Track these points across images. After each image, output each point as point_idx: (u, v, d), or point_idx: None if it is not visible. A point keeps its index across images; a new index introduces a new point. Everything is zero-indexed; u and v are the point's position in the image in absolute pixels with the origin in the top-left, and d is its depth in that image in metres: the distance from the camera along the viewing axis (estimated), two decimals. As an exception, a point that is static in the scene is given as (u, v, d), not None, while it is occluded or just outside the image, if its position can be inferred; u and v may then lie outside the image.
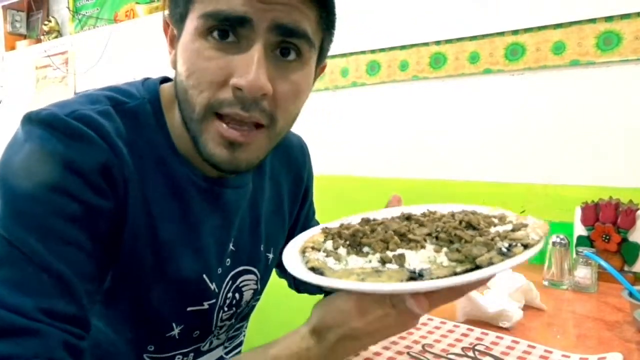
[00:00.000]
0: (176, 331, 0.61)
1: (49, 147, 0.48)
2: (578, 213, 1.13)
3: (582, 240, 1.12)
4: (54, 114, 0.49)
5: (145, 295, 0.58)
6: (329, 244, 0.50)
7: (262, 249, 0.71)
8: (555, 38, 1.27)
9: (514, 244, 0.44)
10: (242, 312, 0.72)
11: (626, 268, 1.06)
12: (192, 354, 0.67)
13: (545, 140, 1.30)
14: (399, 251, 0.46)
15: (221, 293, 0.65)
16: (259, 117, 0.51)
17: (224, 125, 0.51)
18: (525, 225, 0.50)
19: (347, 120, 1.69)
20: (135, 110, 0.56)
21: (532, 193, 1.31)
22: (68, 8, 2.77)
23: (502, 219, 0.53)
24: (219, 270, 0.64)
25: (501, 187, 1.37)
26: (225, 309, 0.67)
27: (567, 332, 0.77)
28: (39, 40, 2.90)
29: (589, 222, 1.11)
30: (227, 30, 0.49)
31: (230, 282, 0.67)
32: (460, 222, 0.50)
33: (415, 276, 0.42)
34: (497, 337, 0.72)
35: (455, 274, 0.42)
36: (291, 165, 0.78)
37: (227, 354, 0.75)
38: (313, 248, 0.51)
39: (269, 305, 1.48)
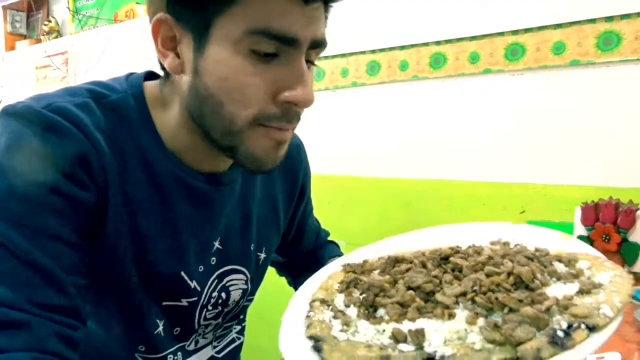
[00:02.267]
0: (160, 327, 0.61)
1: (24, 140, 0.48)
2: (578, 213, 1.13)
3: (582, 240, 1.12)
4: (29, 106, 0.49)
5: (127, 290, 0.58)
6: (340, 299, 0.43)
7: (252, 248, 0.71)
8: (555, 38, 1.27)
9: (575, 324, 0.33)
10: (230, 312, 0.71)
11: (626, 268, 1.06)
12: (179, 353, 0.66)
13: (545, 140, 1.30)
14: (419, 323, 0.36)
15: (205, 292, 0.64)
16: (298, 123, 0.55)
17: (273, 130, 0.53)
18: (600, 286, 0.38)
19: (347, 120, 1.68)
20: (117, 104, 0.56)
21: (532, 193, 1.31)
22: (68, 8, 2.76)
23: (570, 264, 0.42)
24: (201, 269, 0.64)
25: (501, 187, 1.37)
26: (210, 307, 0.66)
27: (567, 332, 0.77)
28: (39, 41, 2.90)
29: (589, 222, 1.11)
30: (276, 51, 0.50)
31: (216, 281, 0.66)
32: (509, 276, 0.39)
33: None
34: (497, 337, 0.71)
35: None
36: (286, 163, 0.77)
37: (218, 353, 0.74)
38: (323, 301, 0.43)
39: (269, 305, 1.48)
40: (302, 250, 0.88)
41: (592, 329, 0.33)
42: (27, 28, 3.03)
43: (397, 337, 0.35)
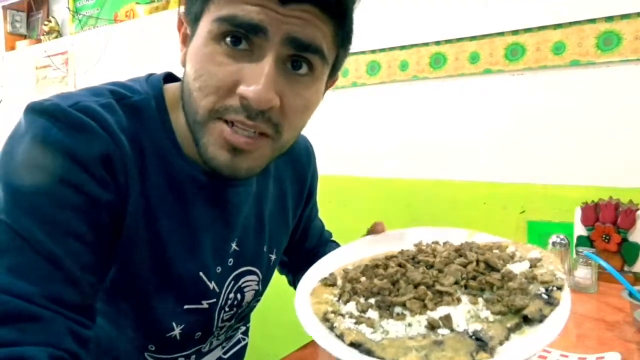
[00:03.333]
0: (177, 331, 0.61)
1: (50, 137, 0.48)
2: (578, 213, 1.13)
3: (582, 241, 1.12)
4: (56, 104, 0.49)
5: (144, 292, 0.58)
6: (352, 307, 0.45)
7: (265, 249, 0.71)
8: (555, 38, 1.27)
9: (550, 287, 0.42)
10: (242, 313, 0.71)
11: (626, 268, 1.06)
12: (193, 356, 0.66)
13: (545, 140, 1.30)
14: (441, 309, 0.41)
15: (222, 293, 0.65)
16: (264, 127, 0.51)
17: (228, 129, 0.50)
18: (539, 260, 0.48)
19: (347, 120, 1.68)
20: (139, 105, 0.56)
21: (532, 193, 1.31)
22: (68, 8, 2.76)
23: (500, 249, 0.51)
24: (219, 270, 0.64)
25: (501, 187, 1.37)
26: (227, 309, 0.66)
27: (567, 332, 0.77)
28: (39, 41, 2.90)
29: (589, 222, 1.11)
30: (240, 37, 0.49)
31: (233, 282, 0.66)
32: (478, 263, 0.47)
33: (480, 344, 0.38)
34: (497, 337, 0.71)
35: (509, 329, 0.39)
36: (295, 165, 0.77)
37: (225, 353, 0.74)
38: (335, 313, 0.45)
39: (270, 305, 1.48)
40: (306, 250, 0.88)
41: (559, 288, 0.43)
42: (27, 28, 3.03)
43: (433, 325, 0.40)
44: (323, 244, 0.91)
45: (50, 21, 2.82)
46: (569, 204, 1.18)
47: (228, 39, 0.49)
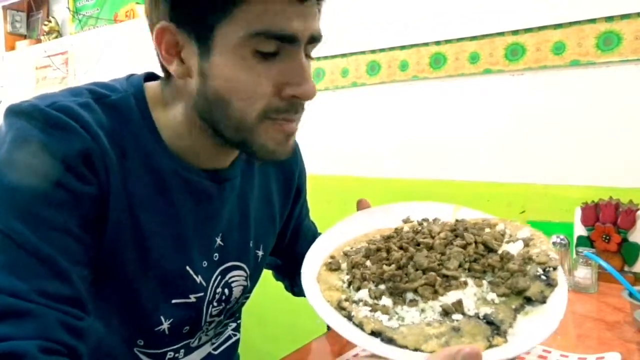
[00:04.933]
0: (165, 325, 0.62)
1: (30, 137, 0.49)
2: (578, 213, 1.13)
3: (582, 241, 1.12)
4: (34, 105, 0.51)
5: (130, 287, 0.58)
6: (364, 294, 0.46)
7: (251, 245, 0.72)
8: (555, 38, 1.27)
9: (547, 269, 0.45)
10: (231, 309, 0.72)
11: (626, 268, 1.06)
12: (182, 350, 0.67)
13: (545, 140, 1.30)
14: (451, 294, 0.43)
15: (209, 287, 0.65)
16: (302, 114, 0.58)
17: (287, 125, 0.56)
18: (531, 239, 0.50)
19: (347, 120, 1.68)
20: (118, 103, 0.57)
21: (532, 193, 1.31)
22: (68, 8, 2.76)
23: (490, 226, 0.54)
24: (205, 264, 0.64)
25: (501, 187, 1.37)
26: (215, 304, 0.67)
27: (567, 332, 0.77)
28: (39, 41, 2.90)
29: (589, 223, 1.11)
30: (277, 49, 0.52)
31: (219, 277, 0.67)
32: (476, 244, 0.49)
33: (494, 328, 0.40)
34: (497, 337, 0.71)
35: (514, 310, 0.42)
36: (282, 163, 0.78)
37: (215, 349, 0.75)
38: (348, 300, 0.46)
39: (269, 306, 1.48)
40: (299, 253, 0.88)
41: (555, 268, 0.45)
42: (27, 28, 3.03)
43: (447, 311, 0.42)
44: None
45: (50, 21, 2.82)
46: (569, 204, 1.18)
47: (264, 51, 0.52)
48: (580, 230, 1.13)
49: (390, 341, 0.40)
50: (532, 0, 1.29)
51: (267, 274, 0.91)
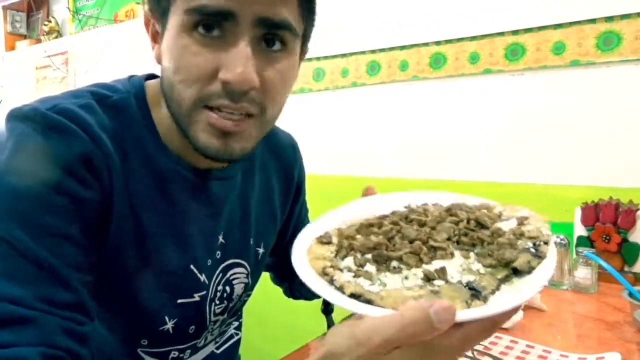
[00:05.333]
0: (170, 325, 0.62)
1: (31, 141, 0.49)
2: (578, 213, 1.13)
3: (582, 241, 1.12)
4: (35, 108, 0.51)
5: (133, 288, 0.58)
6: (350, 261, 0.46)
7: (251, 242, 0.72)
8: (555, 38, 1.27)
9: (537, 243, 0.45)
10: (234, 307, 0.72)
11: (626, 268, 1.06)
12: (188, 351, 0.67)
13: (545, 140, 1.30)
14: (436, 263, 0.44)
15: (211, 285, 0.66)
16: (248, 107, 0.52)
17: (214, 115, 0.51)
18: (526, 218, 0.50)
19: (347, 120, 1.68)
20: (119, 104, 0.57)
21: (532, 193, 1.31)
22: (68, 8, 2.76)
23: (489, 210, 0.54)
24: (209, 262, 0.65)
25: (501, 187, 1.37)
26: (217, 302, 0.67)
27: (567, 333, 0.77)
28: (39, 41, 2.90)
29: (589, 223, 1.11)
30: (212, 24, 0.49)
31: (221, 274, 0.67)
32: (469, 221, 0.50)
33: (474, 293, 0.40)
34: (496, 337, 0.72)
35: (499, 281, 0.42)
36: (282, 161, 0.78)
37: (217, 348, 0.75)
38: (333, 267, 0.46)
39: (269, 306, 1.48)
40: None
41: (546, 243, 0.45)
42: (27, 28, 3.03)
43: (429, 276, 0.42)
44: None
45: (50, 21, 2.82)
46: (569, 204, 1.18)
47: (200, 29, 0.50)
48: (580, 230, 1.13)
49: (368, 303, 0.40)
50: (532, 0, 1.29)
51: (267, 274, 0.91)
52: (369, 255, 0.47)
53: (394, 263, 0.45)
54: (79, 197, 0.50)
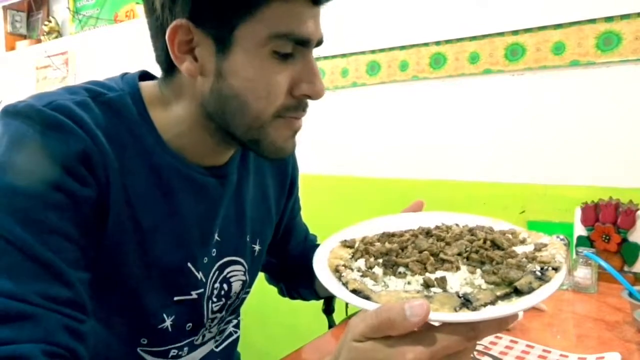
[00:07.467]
0: (168, 322, 0.62)
1: (27, 138, 0.49)
2: (578, 213, 1.13)
3: (582, 241, 1.12)
4: (30, 105, 0.50)
5: (132, 285, 0.58)
6: (361, 263, 0.50)
7: (247, 239, 0.72)
8: (555, 38, 1.27)
9: (545, 267, 0.46)
10: (232, 304, 0.72)
11: (626, 268, 1.06)
12: (186, 348, 0.67)
13: (545, 140, 1.30)
14: (439, 273, 0.46)
15: (208, 283, 0.66)
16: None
17: (296, 121, 0.59)
18: (545, 245, 0.51)
19: (347, 120, 1.68)
20: (115, 102, 0.57)
21: (532, 193, 1.31)
22: (68, 8, 2.76)
23: (514, 235, 0.54)
24: (205, 260, 0.65)
25: (501, 187, 1.37)
26: (215, 299, 0.67)
27: (567, 333, 0.77)
28: (39, 41, 2.90)
29: (589, 223, 1.11)
30: (292, 51, 0.55)
31: (217, 272, 0.67)
32: (485, 241, 0.51)
33: (465, 302, 0.42)
34: (496, 337, 0.72)
35: (497, 297, 0.43)
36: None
37: (217, 347, 0.75)
38: (345, 266, 0.50)
39: (269, 306, 1.48)
40: (291, 252, 0.88)
41: (555, 269, 0.45)
42: (27, 28, 3.03)
43: (428, 283, 0.44)
44: (309, 248, 0.91)
45: (50, 21, 2.82)
46: (569, 204, 1.18)
47: (282, 52, 0.54)
48: (580, 230, 1.13)
49: (366, 299, 0.43)
50: (532, 0, 1.30)
51: (262, 274, 0.91)
52: (380, 260, 0.50)
53: (401, 269, 0.48)
54: (76, 195, 0.50)
